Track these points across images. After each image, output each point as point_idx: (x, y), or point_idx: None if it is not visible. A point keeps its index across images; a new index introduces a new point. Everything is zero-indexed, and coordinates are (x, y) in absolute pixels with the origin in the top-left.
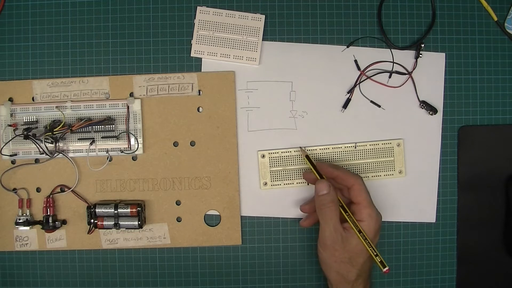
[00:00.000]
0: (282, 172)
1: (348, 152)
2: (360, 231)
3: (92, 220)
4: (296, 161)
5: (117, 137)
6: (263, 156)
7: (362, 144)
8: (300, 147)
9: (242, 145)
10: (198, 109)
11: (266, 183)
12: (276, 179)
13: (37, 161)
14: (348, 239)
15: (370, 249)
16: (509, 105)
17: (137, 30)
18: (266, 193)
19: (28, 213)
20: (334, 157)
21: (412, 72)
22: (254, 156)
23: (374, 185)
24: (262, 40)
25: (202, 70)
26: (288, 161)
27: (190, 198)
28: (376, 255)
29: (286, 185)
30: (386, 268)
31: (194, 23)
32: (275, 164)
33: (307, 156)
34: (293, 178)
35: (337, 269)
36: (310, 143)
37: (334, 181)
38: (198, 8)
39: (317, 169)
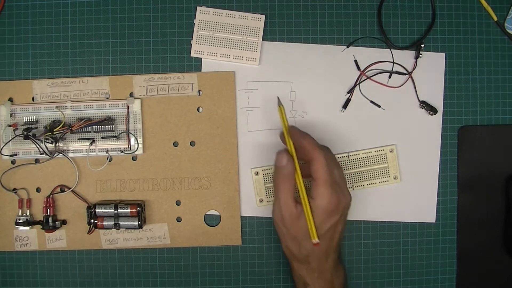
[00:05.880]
0: None
1: (341, 162)
2: (311, 210)
3: (92, 220)
4: None
5: (117, 137)
6: (257, 173)
7: (354, 153)
8: (278, 97)
9: (242, 145)
10: (198, 109)
11: (262, 200)
12: (272, 195)
13: (37, 161)
14: (298, 218)
15: (312, 221)
16: (509, 105)
17: (137, 30)
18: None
19: (28, 213)
20: None
21: (412, 72)
22: (254, 156)
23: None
24: (262, 40)
25: (202, 70)
26: None
27: (190, 198)
28: (313, 226)
29: None
30: (317, 240)
31: (194, 23)
32: (270, 180)
33: (281, 110)
34: None
35: (286, 244)
36: None
37: (301, 150)
38: (198, 8)
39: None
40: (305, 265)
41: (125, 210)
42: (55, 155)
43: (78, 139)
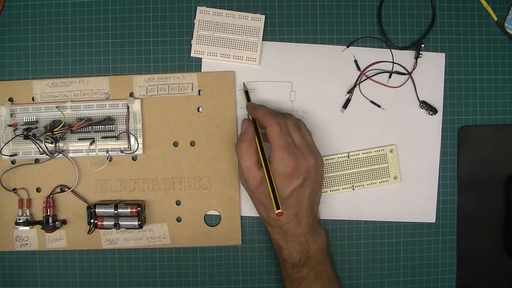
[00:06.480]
0: None
1: (341, 162)
2: (269, 175)
3: (92, 220)
4: None
5: (117, 137)
6: None
7: (355, 153)
8: (244, 83)
9: None
10: (198, 109)
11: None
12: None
13: (37, 161)
14: (261, 183)
15: (271, 190)
16: (509, 105)
17: (137, 30)
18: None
19: (28, 213)
20: (327, 168)
21: (412, 72)
22: None
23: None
24: (262, 40)
25: (202, 70)
26: None
27: (190, 198)
28: (274, 195)
29: None
30: (279, 211)
31: (194, 23)
32: None
33: (246, 92)
34: None
35: (256, 208)
36: None
37: (258, 122)
38: (198, 8)
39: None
40: (276, 229)
41: (125, 210)
42: (55, 155)
43: (78, 139)
